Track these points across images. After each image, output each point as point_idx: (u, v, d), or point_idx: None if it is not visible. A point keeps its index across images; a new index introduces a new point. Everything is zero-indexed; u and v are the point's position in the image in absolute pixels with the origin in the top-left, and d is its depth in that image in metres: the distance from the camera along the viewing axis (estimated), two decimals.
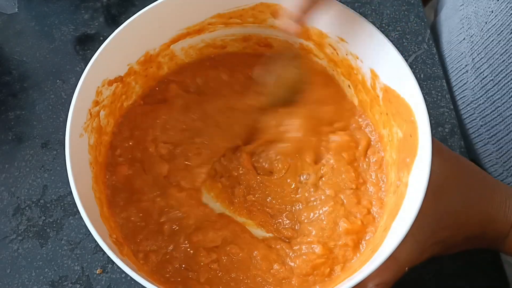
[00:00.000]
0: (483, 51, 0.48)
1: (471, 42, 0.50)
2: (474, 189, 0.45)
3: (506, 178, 0.52)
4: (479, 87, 0.49)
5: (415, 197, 0.37)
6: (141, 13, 0.44)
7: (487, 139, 0.51)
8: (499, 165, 0.51)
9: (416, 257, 0.42)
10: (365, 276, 0.35)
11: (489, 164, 0.53)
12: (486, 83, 0.48)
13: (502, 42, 0.47)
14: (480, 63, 0.48)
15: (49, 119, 0.57)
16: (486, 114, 0.50)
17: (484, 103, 0.49)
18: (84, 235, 0.51)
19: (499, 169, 0.52)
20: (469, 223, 0.44)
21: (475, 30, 0.49)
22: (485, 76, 0.48)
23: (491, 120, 0.49)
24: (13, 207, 0.52)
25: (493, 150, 0.51)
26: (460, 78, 0.53)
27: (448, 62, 0.56)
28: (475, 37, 0.49)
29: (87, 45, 0.61)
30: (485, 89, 0.48)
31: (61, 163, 0.54)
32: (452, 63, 0.55)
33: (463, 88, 0.53)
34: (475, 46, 0.49)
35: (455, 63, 0.54)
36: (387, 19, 0.62)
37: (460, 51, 0.52)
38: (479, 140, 0.53)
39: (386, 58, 0.43)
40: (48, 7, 0.64)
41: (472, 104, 0.51)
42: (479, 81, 0.49)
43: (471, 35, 0.50)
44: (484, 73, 0.48)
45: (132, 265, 0.38)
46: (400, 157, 0.43)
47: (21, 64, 0.60)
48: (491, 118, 0.49)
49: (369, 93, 0.46)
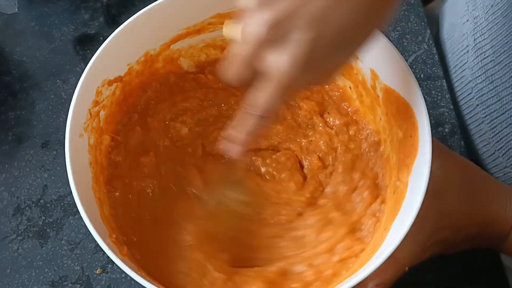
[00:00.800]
0: (486, 32, 0.48)
1: (475, 23, 0.50)
2: (475, 189, 0.45)
3: (497, 158, 0.52)
4: (479, 66, 0.50)
5: (415, 197, 0.37)
6: (141, 13, 0.44)
7: (481, 119, 0.51)
8: (491, 144, 0.51)
9: (416, 257, 0.42)
10: (365, 276, 0.35)
11: (482, 144, 0.53)
12: (486, 62, 0.49)
13: (507, 25, 0.47)
14: (483, 43, 0.49)
15: (49, 119, 0.57)
16: (483, 93, 0.50)
17: (482, 82, 0.50)
18: (84, 235, 0.51)
19: (491, 149, 0.52)
20: (470, 223, 0.44)
21: (479, 11, 0.50)
22: (487, 56, 0.49)
23: (487, 99, 0.50)
24: (13, 207, 0.52)
25: (487, 129, 0.51)
26: (461, 58, 0.53)
27: (449, 44, 0.56)
28: (479, 18, 0.49)
29: (87, 45, 0.61)
30: (484, 69, 0.49)
31: (61, 163, 0.54)
32: (453, 43, 0.55)
33: (463, 68, 0.53)
34: (478, 27, 0.49)
35: (456, 43, 0.54)
36: None
37: (463, 32, 0.53)
38: (474, 120, 0.53)
39: (386, 58, 0.43)
40: (48, 7, 0.64)
41: (470, 83, 0.52)
42: (479, 61, 0.50)
43: (474, 16, 0.50)
44: (485, 53, 0.49)
45: (132, 265, 0.38)
46: (400, 157, 0.43)
47: (21, 64, 0.60)
48: (488, 97, 0.49)
49: (370, 94, 0.46)
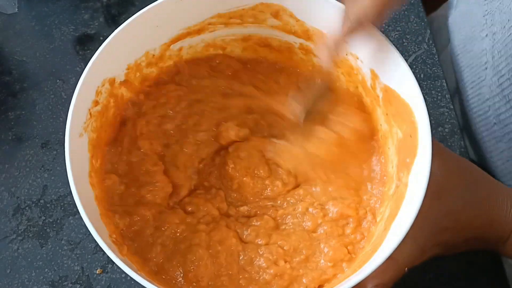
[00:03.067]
0: (503, 49, 0.48)
1: (493, 39, 0.49)
2: (475, 191, 0.45)
3: None
4: (496, 84, 0.49)
5: (415, 197, 0.37)
6: (141, 13, 0.44)
7: (500, 137, 0.51)
8: (510, 162, 0.51)
9: (415, 258, 0.42)
10: (364, 276, 0.35)
11: (500, 162, 0.53)
12: (503, 81, 0.48)
13: None
14: (499, 60, 0.48)
15: (49, 119, 0.57)
16: (500, 112, 0.50)
17: (499, 101, 0.49)
18: (84, 235, 0.51)
19: (509, 167, 0.52)
20: (470, 225, 0.44)
21: (497, 27, 0.49)
22: (503, 75, 0.48)
23: (505, 118, 0.49)
24: (13, 207, 0.52)
25: (505, 148, 0.51)
26: (479, 74, 0.53)
27: (467, 58, 0.56)
28: (497, 34, 0.49)
29: (87, 45, 0.61)
30: (501, 87, 0.48)
31: (61, 163, 0.54)
32: (473, 59, 0.54)
33: (481, 85, 0.52)
34: (496, 43, 0.49)
35: (475, 59, 0.53)
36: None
37: (482, 47, 0.52)
38: (492, 138, 0.52)
39: (386, 58, 0.43)
40: (48, 7, 0.64)
41: (488, 101, 0.51)
42: (496, 79, 0.49)
43: (493, 32, 0.50)
44: (502, 71, 0.48)
45: (132, 265, 0.38)
46: (400, 157, 0.43)
47: (21, 64, 0.60)
48: (505, 116, 0.49)
49: (370, 94, 0.46)
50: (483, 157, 0.56)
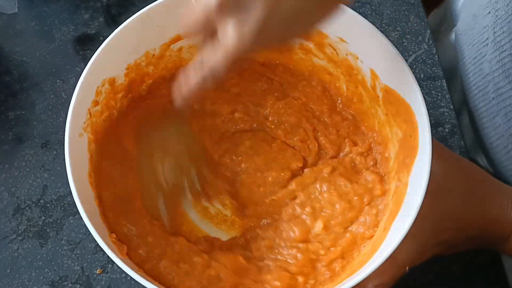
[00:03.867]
0: (506, 25, 0.48)
1: (496, 16, 0.50)
2: (476, 190, 0.45)
3: (511, 151, 0.51)
4: (497, 60, 0.50)
5: (415, 197, 0.37)
6: (141, 13, 0.44)
7: (496, 112, 0.51)
8: (505, 137, 0.51)
9: (416, 257, 0.42)
10: (364, 276, 0.35)
11: (495, 137, 0.53)
12: (504, 56, 0.49)
13: None
14: (501, 36, 0.49)
15: (49, 119, 0.57)
16: (499, 87, 0.50)
17: (499, 75, 0.49)
18: (84, 235, 0.51)
19: (504, 142, 0.52)
20: (470, 224, 0.44)
21: (501, 3, 0.50)
22: (504, 50, 0.48)
23: (504, 93, 0.50)
24: (13, 207, 0.52)
25: (501, 122, 0.51)
26: (480, 50, 0.53)
27: (470, 35, 0.56)
28: (500, 11, 0.49)
29: (87, 45, 0.61)
30: (502, 62, 0.49)
31: (61, 163, 0.54)
32: (474, 35, 0.55)
33: (481, 61, 0.53)
34: (498, 20, 0.49)
35: (477, 35, 0.54)
36: (387, 19, 0.62)
37: (484, 24, 0.53)
38: (489, 113, 0.53)
39: (386, 58, 0.43)
40: (48, 7, 0.64)
41: (487, 76, 0.52)
42: (497, 54, 0.50)
43: (496, 9, 0.50)
44: (503, 47, 0.49)
45: (132, 265, 0.38)
46: (400, 157, 0.43)
47: (21, 64, 0.60)
48: (504, 91, 0.49)
49: (369, 94, 0.46)
50: (480, 134, 0.56)
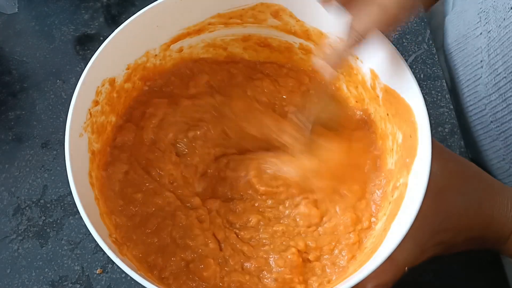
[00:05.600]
0: (499, 48, 0.47)
1: (488, 37, 0.49)
2: (476, 191, 0.45)
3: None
4: (493, 83, 0.49)
5: (415, 197, 0.37)
6: (141, 13, 0.44)
7: (496, 135, 0.51)
8: (506, 161, 0.51)
9: (415, 258, 0.42)
10: (363, 276, 0.35)
11: (496, 160, 0.53)
12: (499, 79, 0.48)
13: None
14: (496, 59, 0.48)
15: (49, 119, 0.57)
16: (497, 111, 0.50)
17: (496, 100, 0.49)
18: (84, 235, 0.51)
19: (505, 166, 0.52)
20: (470, 225, 0.44)
21: (492, 25, 0.49)
22: (499, 73, 0.48)
23: (501, 117, 0.49)
24: (13, 207, 0.52)
25: (501, 146, 0.51)
26: (475, 73, 0.53)
27: (461, 56, 0.56)
28: (493, 32, 0.48)
29: (87, 45, 0.61)
30: (497, 86, 0.48)
31: (61, 163, 0.54)
32: (468, 57, 0.54)
33: (477, 83, 0.52)
34: (492, 42, 0.49)
35: (470, 57, 0.53)
36: None
37: (477, 46, 0.52)
38: (487, 136, 0.53)
39: (386, 58, 0.43)
40: (48, 7, 0.64)
41: (484, 100, 0.51)
42: (492, 78, 0.49)
43: (488, 30, 0.49)
44: (498, 70, 0.48)
45: (132, 265, 0.38)
46: (400, 157, 0.43)
47: (21, 64, 0.60)
48: (502, 115, 0.49)
49: (369, 94, 0.46)
50: (479, 155, 0.56)
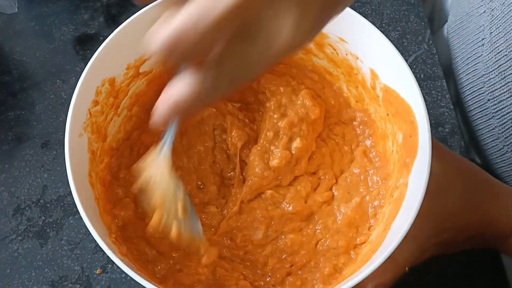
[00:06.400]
0: (501, 26, 0.47)
1: (491, 15, 0.49)
2: (476, 190, 0.45)
3: (506, 153, 0.51)
4: (493, 61, 0.49)
5: (415, 197, 0.37)
6: (141, 13, 0.44)
7: (492, 113, 0.51)
8: (500, 139, 0.51)
9: (416, 257, 0.42)
10: (364, 276, 0.35)
11: (490, 139, 0.53)
12: (500, 57, 0.48)
13: None
14: (497, 37, 0.48)
15: (49, 119, 0.57)
16: (495, 89, 0.50)
17: (495, 77, 0.49)
18: (84, 235, 0.51)
19: (499, 144, 0.52)
20: (471, 224, 0.44)
21: (496, 3, 0.49)
22: (500, 51, 0.48)
23: (499, 95, 0.49)
24: (13, 207, 0.52)
25: (496, 124, 0.51)
26: (475, 51, 0.53)
27: (462, 34, 0.56)
28: (496, 10, 0.48)
29: (87, 45, 0.61)
30: (498, 64, 0.48)
31: (61, 163, 0.54)
32: (467, 35, 0.54)
33: (476, 61, 0.52)
34: (494, 20, 0.49)
35: (472, 35, 0.53)
36: (387, 19, 0.62)
37: (479, 24, 0.52)
38: (484, 114, 0.53)
39: (386, 58, 0.43)
40: (48, 7, 0.64)
41: (483, 77, 0.51)
42: (493, 55, 0.49)
43: (492, 8, 0.49)
44: (499, 48, 0.48)
45: (132, 265, 0.38)
46: (400, 157, 0.43)
47: (21, 64, 0.60)
48: (500, 93, 0.49)
49: (369, 94, 0.46)
50: (472, 135, 0.56)
